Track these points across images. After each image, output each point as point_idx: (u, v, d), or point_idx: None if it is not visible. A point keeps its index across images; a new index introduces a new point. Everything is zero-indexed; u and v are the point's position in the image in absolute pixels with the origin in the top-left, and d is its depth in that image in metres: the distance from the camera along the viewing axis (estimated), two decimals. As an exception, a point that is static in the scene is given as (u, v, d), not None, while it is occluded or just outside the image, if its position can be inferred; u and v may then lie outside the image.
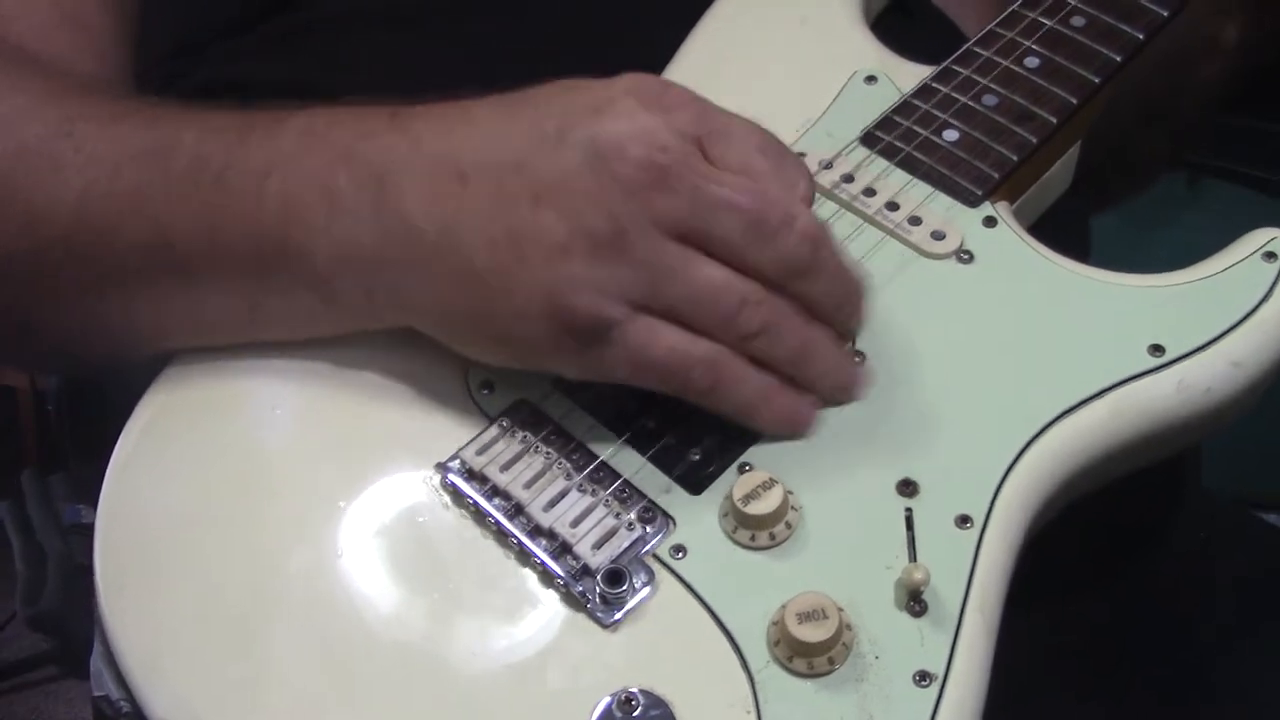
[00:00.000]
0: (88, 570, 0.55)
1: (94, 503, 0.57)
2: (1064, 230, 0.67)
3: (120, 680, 0.52)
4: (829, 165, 0.64)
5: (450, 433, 0.57)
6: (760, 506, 0.53)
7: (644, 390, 0.57)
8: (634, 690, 0.50)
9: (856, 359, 0.58)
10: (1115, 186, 0.85)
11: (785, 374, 0.55)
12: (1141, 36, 0.67)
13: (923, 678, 0.50)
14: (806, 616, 0.50)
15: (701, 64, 0.70)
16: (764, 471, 0.54)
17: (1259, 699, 0.67)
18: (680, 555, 0.53)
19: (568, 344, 0.53)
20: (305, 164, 0.54)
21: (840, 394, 0.57)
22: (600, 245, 0.51)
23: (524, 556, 0.54)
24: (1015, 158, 0.63)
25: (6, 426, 1.48)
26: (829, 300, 0.55)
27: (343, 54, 0.70)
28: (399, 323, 0.56)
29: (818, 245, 0.54)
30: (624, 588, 0.52)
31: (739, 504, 0.53)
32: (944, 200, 0.63)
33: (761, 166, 0.54)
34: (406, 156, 0.53)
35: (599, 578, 0.52)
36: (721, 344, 0.53)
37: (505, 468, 0.55)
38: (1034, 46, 0.67)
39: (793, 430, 0.56)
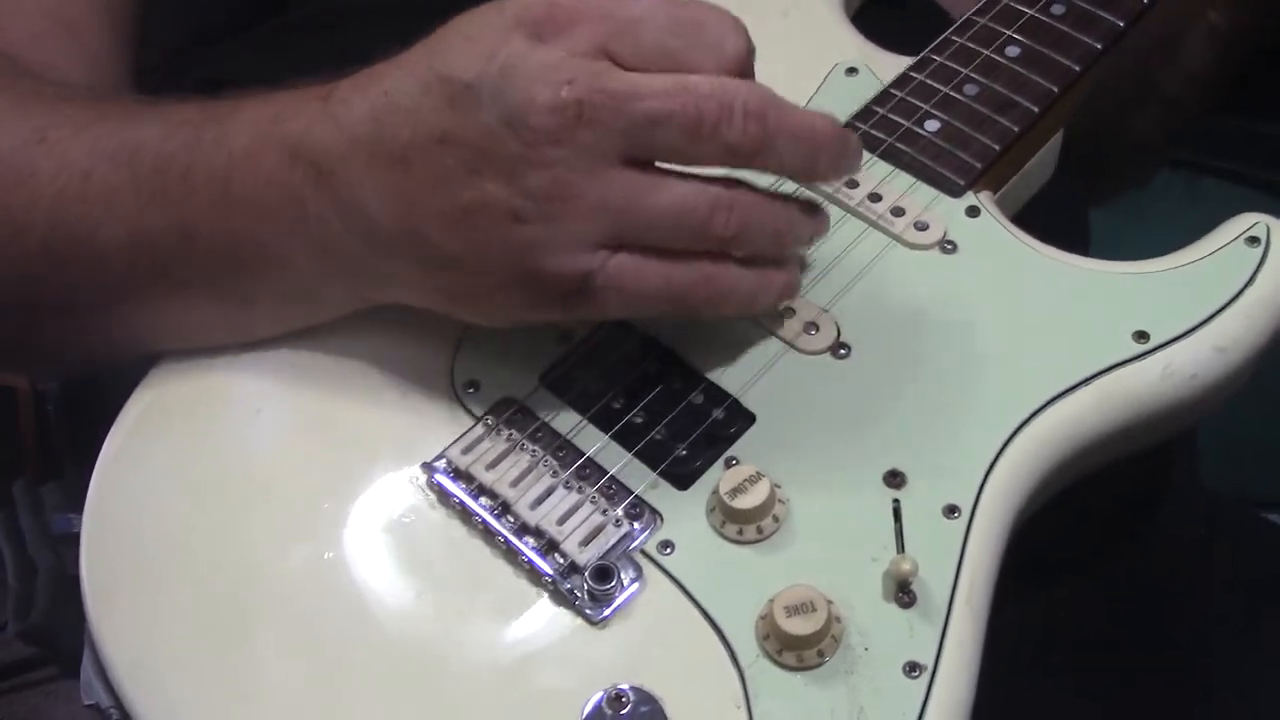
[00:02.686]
0: (78, 581, 0.54)
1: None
2: (1064, 229, 0.67)
3: (110, 688, 0.52)
4: (811, 158, 0.64)
5: (436, 432, 0.57)
6: (747, 500, 0.53)
7: (630, 386, 0.57)
8: (624, 687, 0.50)
9: (841, 351, 0.58)
10: (1108, 177, 0.85)
11: (768, 256, 0.55)
12: (1122, 24, 0.66)
13: (912, 668, 0.50)
14: (795, 610, 0.50)
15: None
16: (750, 465, 0.54)
17: (1259, 697, 0.67)
18: (668, 551, 0.53)
19: (550, 304, 0.52)
20: (260, 165, 0.54)
21: (817, 238, 0.57)
22: (548, 201, 0.50)
23: (511, 555, 0.53)
24: (997, 147, 0.63)
25: (6, 427, 1.47)
26: (798, 162, 0.53)
27: (341, 53, 0.69)
28: (384, 302, 0.56)
29: (763, 115, 0.51)
30: (612, 584, 0.52)
31: (726, 498, 0.53)
32: (926, 191, 0.63)
33: (678, 49, 0.51)
34: (344, 149, 0.52)
35: (587, 574, 0.52)
36: (703, 256, 0.53)
37: (491, 466, 0.55)
38: (1014, 35, 0.66)
39: (791, 296, 0.57)
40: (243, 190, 0.54)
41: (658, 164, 0.52)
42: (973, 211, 0.62)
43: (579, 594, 0.52)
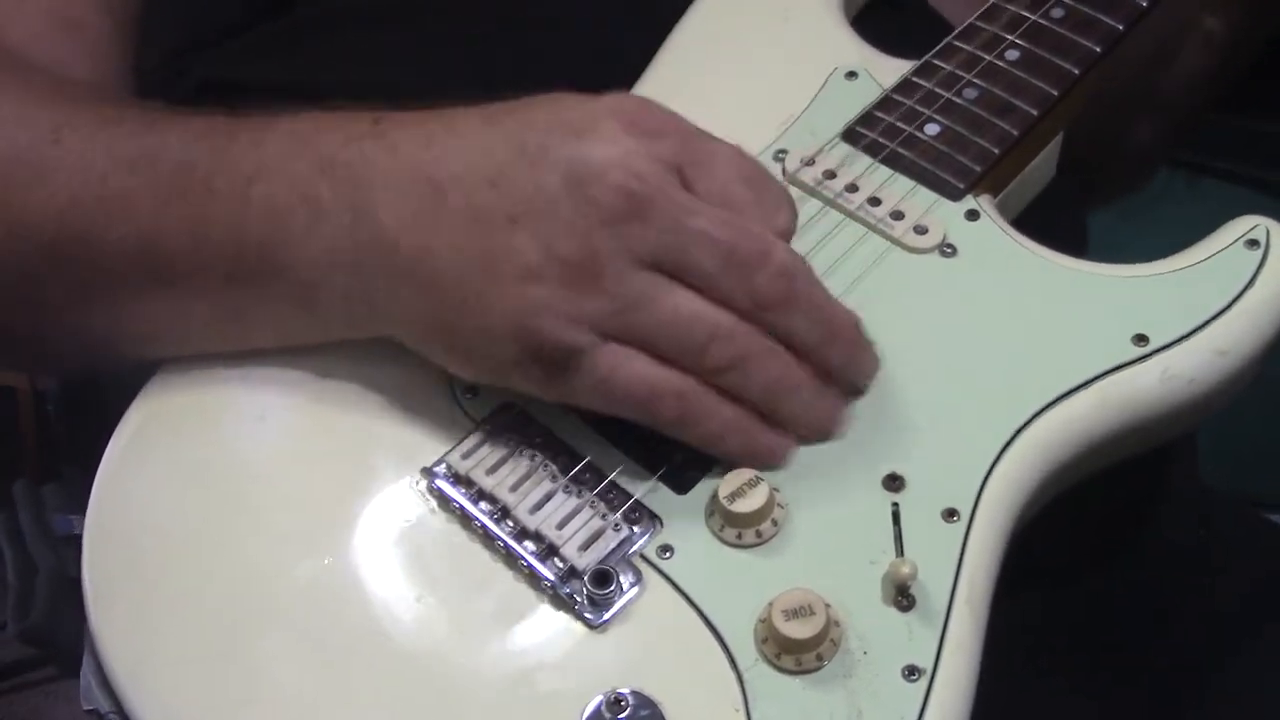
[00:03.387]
0: (78, 582, 0.54)
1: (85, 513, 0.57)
2: (1061, 230, 0.67)
3: (109, 692, 0.52)
4: (810, 162, 0.64)
5: (436, 437, 0.57)
6: (746, 504, 0.53)
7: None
8: (623, 691, 0.50)
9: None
10: (1107, 180, 0.85)
11: (758, 411, 0.54)
12: (1121, 27, 0.67)
13: (911, 672, 0.50)
14: (793, 613, 0.50)
15: (683, 61, 0.70)
16: (749, 469, 0.54)
17: (1259, 697, 0.66)
18: (667, 555, 0.53)
19: (534, 368, 0.52)
20: (289, 171, 0.54)
21: (815, 435, 0.56)
22: (572, 271, 0.51)
23: (511, 559, 0.53)
24: (997, 150, 0.63)
25: (6, 427, 1.48)
26: (809, 336, 0.54)
27: (341, 54, 0.70)
28: (377, 333, 0.56)
29: (793, 279, 0.53)
30: (611, 588, 0.52)
31: (725, 502, 0.53)
32: (926, 194, 0.63)
33: (741, 197, 0.53)
34: (385, 167, 0.53)
35: (586, 579, 0.52)
36: (691, 376, 0.53)
37: (491, 471, 0.55)
38: (1014, 39, 0.67)
39: (765, 465, 0.55)
40: (265, 192, 0.54)
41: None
42: (972, 215, 0.62)
43: (578, 598, 0.52)
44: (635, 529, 0.54)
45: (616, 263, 0.51)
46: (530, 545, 0.53)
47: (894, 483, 0.54)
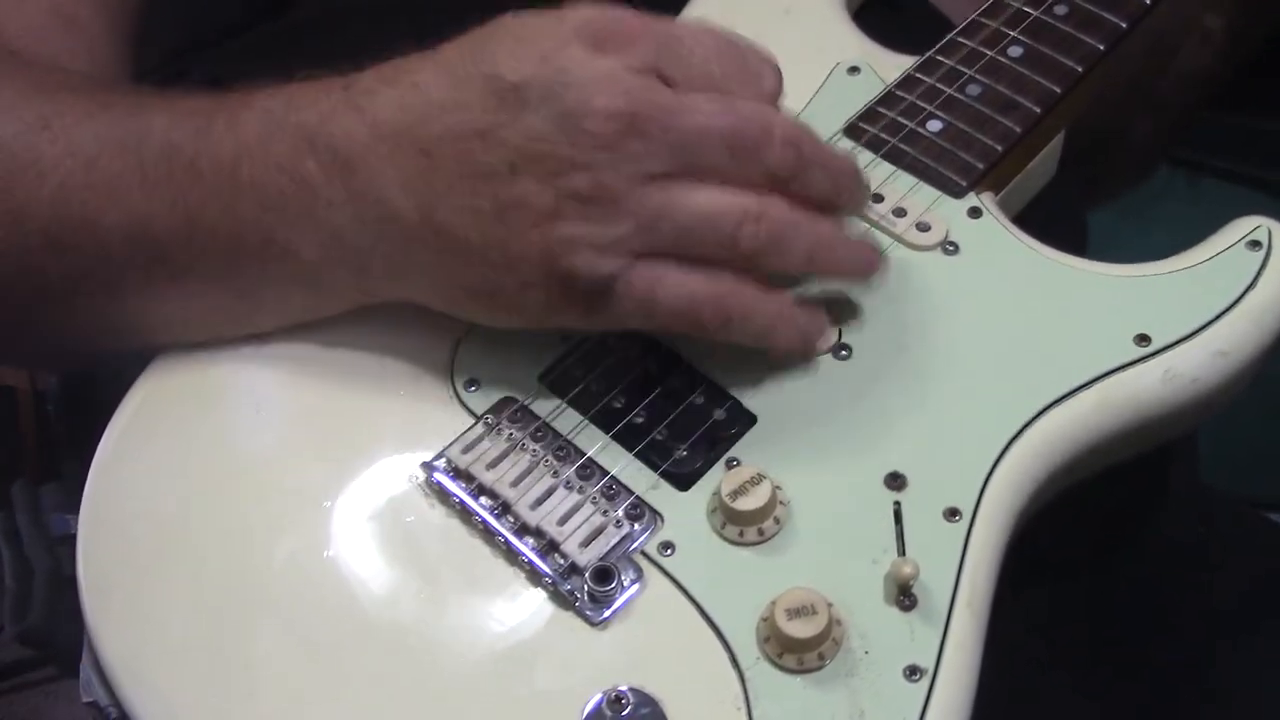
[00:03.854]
0: (75, 581, 0.54)
1: (82, 512, 0.57)
2: (1061, 228, 0.67)
3: (108, 685, 0.52)
4: (813, 158, 0.64)
5: (436, 431, 0.56)
6: (748, 502, 0.53)
7: (631, 386, 0.57)
8: (623, 688, 0.50)
9: (843, 353, 0.58)
10: (1107, 177, 0.85)
11: (805, 273, 0.55)
12: (1124, 25, 0.66)
13: (913, 672, 0.50)
14: (796, 612, 0.50)
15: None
16: (752, 467, 0.54)
17: (1259, 696, 0.67)
18: (669, 552, 0.53)
19: (575, 303, 0.53)
20: (271, 151, 0.54)
21: (865, 273, 0.57)
22: (589, 204, 0.51)
23: (511, 555, 0.53)
24: (999, 148, 0.63)
25: (6, 428, 1.47)
26: (826, 191, 0.55)
27: (341, 53, 0.69)
28: (396, 298, 0.56)
29: (800, 146, 0.53)
30: (612, 585, 0.52)
31: (727, 500, 0.53)
32: (928, 191, 0.63)
33: (724, 73, 0.53)
34: (367, 139, 0.53)
35: (587, 575, 0.52)
36: (731, 270, 0.53)
37: (491, 465, 0.55)
38: (1017, 36, 0.66)
39: (809, 348, 0.56)
40: (251, 176, 0.54)
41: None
42: (975, 212, 0.62)
43: (579, 595, 0.52)
44: (636, 526, 0.54)
45: (629, 184, 0.51)
46: (531, 541, 0.53)
47: (896, 481, 0.54)
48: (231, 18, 0.70)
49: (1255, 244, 0.60)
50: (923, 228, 0.61)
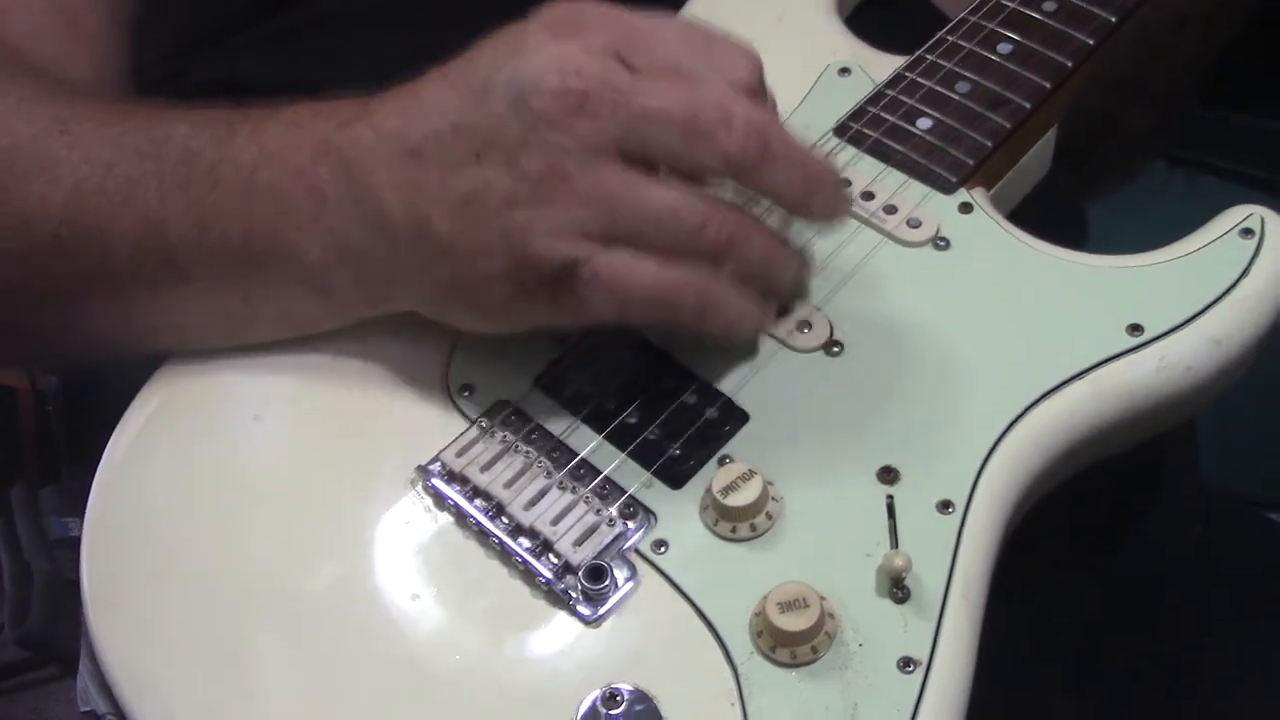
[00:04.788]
0: (74, 585, 0.54)
1: (83, 516, 0.57)
2: (1062, 224, 0.67)
3: (106, 694, 0.52)
4: (804, 157, 0.64)
5: (431, 436, 0.57)
6: (740, 498, 0.53)
7: (623, 387, 0.57)
8: (619, 685, 0.50)
9: (835, 349, 0.58)
10: (1101, 170, 0.85)
11: (755, 279, 0.54)
12: (1113, 19, 0.66)
13: (907, 664, 0.50)
14: (788, 606, 0.50)
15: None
16: (743, 463, 0.54)
17: (1257, 694, 0.66)
18: (662, 550, 0.53)
19: (541, 294, 0.52)
20: (290, 159, 0.55)
21: (795, 295, 0.57)
22: (541, 186, 0.50)
23: (506, 556, 0.53)
24: (989, 144, 0.63)
25: (6, 428, 1.48)
26: (791, 187, 0.53)
27: (341, 53, 0.70)
28: (392, 308, 0.56)
29: (764, 134, 0.52)
30: (606, 583, 0.52)
31: (719, 496, 0.53)
32: (919, 188, 0.63)
33: (690, 63, 0.52)
34: (369, 144, 0.53)
35: (580, 574, 0.52)
36: (695, 263, 0.52)
37: (485, 468, 0.55)
38: (1006, 32, 0.67)
39: (758, 334, 0.57)
40: (268, 180, 0.54)
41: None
42: (965, 208, 0.62)
43: (573, 594, 0.52)
44: (629, 524, 0.54)
45: (579, 163, 0.50)
46: (525, 541, 0.53)
47: (889, 475, 0.54)
48: (232, 18, 0.70)
49: (1248, 231, 0.60)
50: (913, 224, 0.61)
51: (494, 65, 0.52)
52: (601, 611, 0.52)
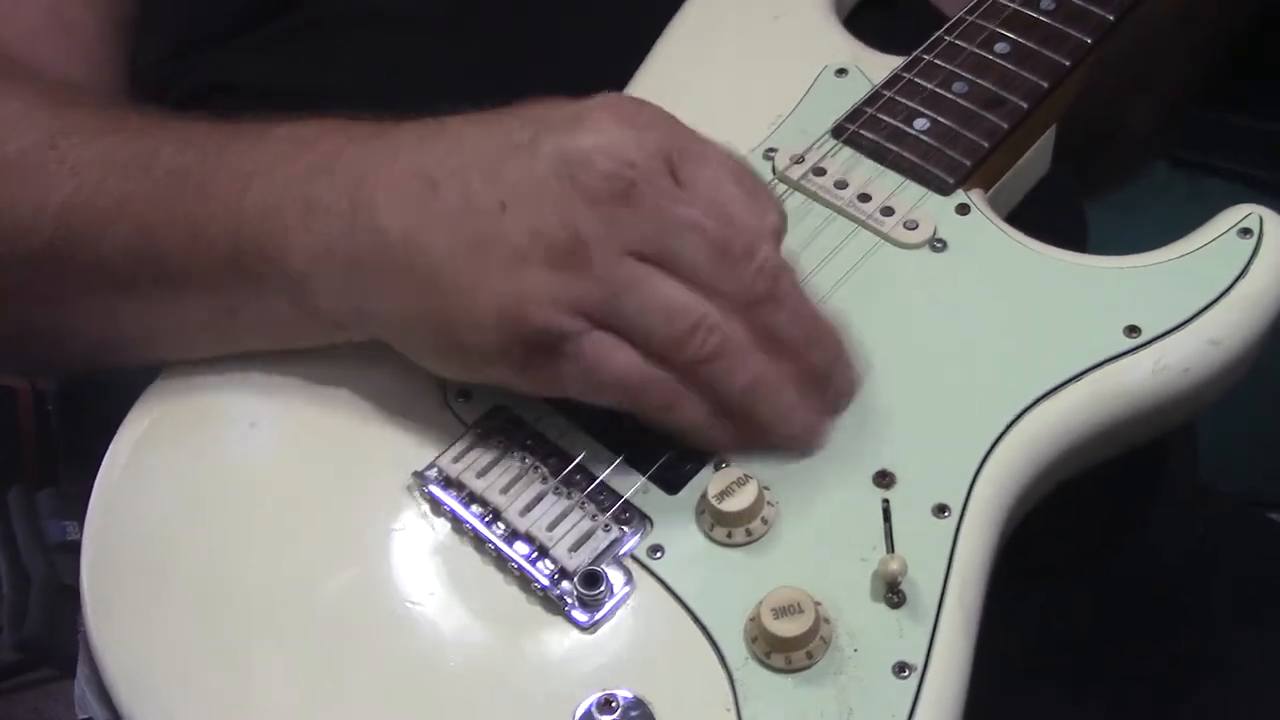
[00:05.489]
0: (72, 589, 0.55)
1: (81, 519, 0.57)
2: (1061, 226, 0.66)
3: (104, 701, 0.52)
4: (800, 159, 0.64)
5: (428, 442, 0.57)
6: (735, 503, 0.53)
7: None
8: (614, 691, 0.50)
9: None
10: (1101, 171, 0.84)
11: (735, 409, 0.54)
12: (1111, 18, 0.66)
13: (902, 669, 0.50)
14: (782, 611, 0.50)
15: (674, 60, 0.70)
16: (739, 468, 0.54)
17: (1259, 696, 0.66)
18: (658, 555, 0.53)
19: (517, 354, 0.52)
20: (286, 170, 0.55)
21: (795, 442, 0.55)
22: (558, 255, 0.51)
23: (502, 562, 0.53)
24: (986, 144, 0.63)
25: (5, 429, 1.48)
26: (793, 335, 0.54)
27: (339, 55, 0.70)
28: (365, 335, 0.56)
29: (779, 277, 0.53)
30: (601, 589, 0.52)
31: (714, 501, 0.53)
32: (916, 189, 0.62)
33: (731, 194, 0.53)
34: (383, 164, 0.53)
35: (576, 580, 0.52)
36: (675, 368, 0.52)
37: (482, 474, 0.55)
38: (1003, 32, 0.66)
39: (718, 450, 0.55)
40: (261, 191, 0.54)
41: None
42: (963, 209, 0.62)
43: (569, 599, 0.52)
44: (625, 529, 0.54)
45: (603, 247, 0.51)
46: (521, 547, 0.53)
47: (884, 479, 0.54)
48: (228, 22, 0.71)
49: (1246, 231, 0.59)
50: (910, 225, 0.61)
51: (545, 128, 0.52)
52: (597, 617, 0.52)
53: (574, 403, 0.56)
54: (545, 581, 0.53)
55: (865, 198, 0.62)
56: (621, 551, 0.53)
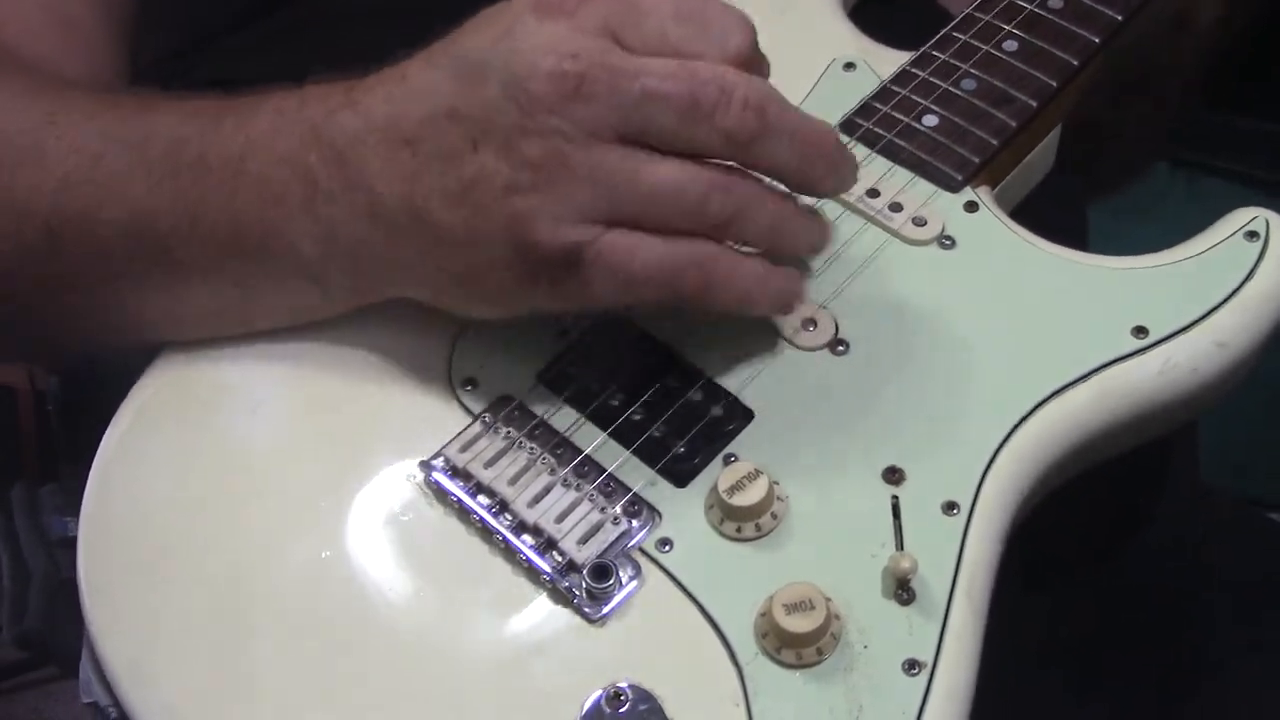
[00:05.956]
0: (72, 583, 0.54)
1: (81, 515, 0.57)
2: (1062, 224, 0.66)
3: (108, 686, 0.52)
4: (809, 153, 0.64)
5: (434, 431, 0.56)
6: (745, 498, 0.53)
7: (628, 383, 0.57)
8: (622, 685, 0.50)
9: (840, 348, 0.58)
10: (1105, 170, 0.85)
11: (763, 249, 0.54)
12: (1120, 18, 0.66)
13: (912, 666, 0.50)
14: (794, 607, 0.50)
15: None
16: (749, 462, 0.54)
17: (1259, 696, 0.66)
18: (666, 549, 0.53)
19: (545, 280, 0.52)
20: (278, 146, 0.54)
21: (817, 250, 0.57)
22: (542, 172, 0.50)
23: (509, 553, 0.53)
24: (995, 142, 0.63)
25: (6, 428, 1.47)
26: (791, 159, 0.53)
27: (341, 52, 0.69)
28: (391, 295, 0.56)
29: (763, 108, 0.51)
30: (610, 582, 0.52)
31: (724, 495, 0.53)
32: (924, 186, 0.62)
33: (682, 36, 0.52)
34: (360, 131, 0.53)
35: (585, 573, 0.52)
36: (699, 238, 0.52)
37: (489, 464, 0.55)
38: (1012, 30, 0.66)
39: (787, 309, 0.56)
40: (256, 169, 0.54)
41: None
42: (971, 207, 0.62)
43: (577, 592, 0.52)
44: (634, 522, 0.54)
45: (580, 148, 0.50)
46: (529, 539, 0.53)
47: (893, 475, 0.54)
48: (230, 16, 0.70)
49: (1253, 235, 0.60)
50: (919, 222, 0.61)
51: (484, 48, 0.51)
52: (605, 610, 0.52)
53: (583, 393, 0.56)
54: (553, 574, 0.52)
55: (874, 194, 0.62)
56: (630, 545, 0.53)
